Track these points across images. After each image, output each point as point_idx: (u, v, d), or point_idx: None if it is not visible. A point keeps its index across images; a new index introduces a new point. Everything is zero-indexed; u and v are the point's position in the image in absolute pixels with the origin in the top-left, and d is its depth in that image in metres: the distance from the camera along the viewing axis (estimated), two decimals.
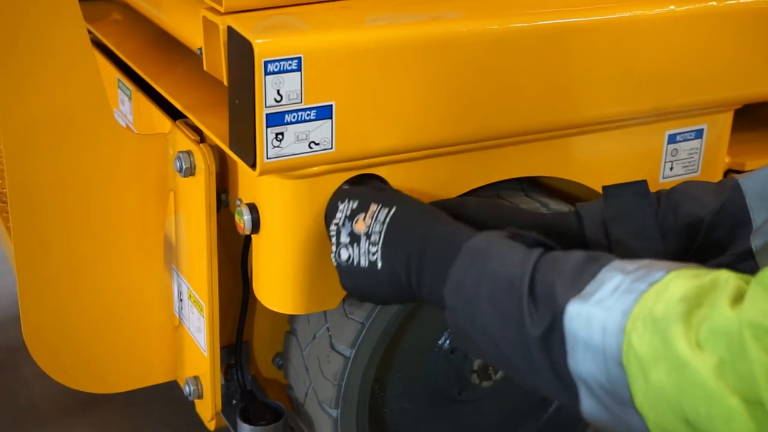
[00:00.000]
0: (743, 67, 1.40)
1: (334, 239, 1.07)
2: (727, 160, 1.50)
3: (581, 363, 0.83)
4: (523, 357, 0.88)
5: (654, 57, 1.31)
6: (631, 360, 0.78)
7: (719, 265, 1.04)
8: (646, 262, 0.85)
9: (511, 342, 0.89)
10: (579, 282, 0.86)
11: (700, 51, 1.35)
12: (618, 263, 0.87)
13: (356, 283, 1.07)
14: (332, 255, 1.08)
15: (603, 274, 0.85)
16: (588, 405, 0.84)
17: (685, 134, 1.42)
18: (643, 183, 1.14)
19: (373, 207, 1.03)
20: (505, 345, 0.90)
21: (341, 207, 1.07)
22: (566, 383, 0.85)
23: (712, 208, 1.08)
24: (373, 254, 1.02)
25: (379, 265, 1.02)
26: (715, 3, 1.33)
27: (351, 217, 1.05)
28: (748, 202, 1.06)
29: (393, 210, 1.02)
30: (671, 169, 1.43)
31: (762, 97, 1.47)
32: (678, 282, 0.80)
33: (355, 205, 1.05)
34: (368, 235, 1.02)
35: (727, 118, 1.46)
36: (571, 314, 0.84)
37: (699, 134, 1.43)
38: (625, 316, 0.80)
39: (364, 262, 1.03)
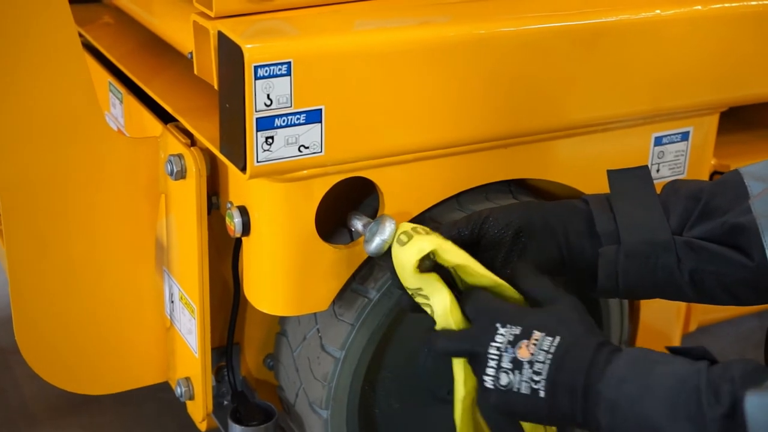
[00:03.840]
0: (729, 71, 1.41)
1: (494, 363, 1.03)
2: (713, 162, 1.52)
3: None
4: None
5: (641, 60, 1.32)
6: None
7: (719, 225, 1.07)
8: None
9: None
10: (756, 378, 0.89)
11: (687, 54, 1.36)
12: None
13: (511, 407, 1.04)
14: (489, 378, 1.03)
15: None
16: None
17: (672, 136, 1.44)
18: (645, 167, 1.16)
19: (537, 335, 1.01)
20: None
21: (502, 332, 1.03)
22: None
23: (712, 183, 1.11)
24: (536, 383, 1.00)
25: (542, 394, 1.00)
26: (700, 7, 1.35)
27: (514, 342, 1.02)
28: (746, 181, 1.09)
29: (557, 340, 1.00)
30: (658, 171, 1.44)
31: (747, 99, 1.49)
32: None
33: (517, 331, 1.02)
34: (532, 363, 1.00)
35: (713, 120, 1.47)
36: (750, 401, 0.87)
37: (685, 136, 1.45)
38: None
39: (525, 390, 1.01)
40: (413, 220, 1.25)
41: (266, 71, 1.08)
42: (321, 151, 1.15)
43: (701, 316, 1.72)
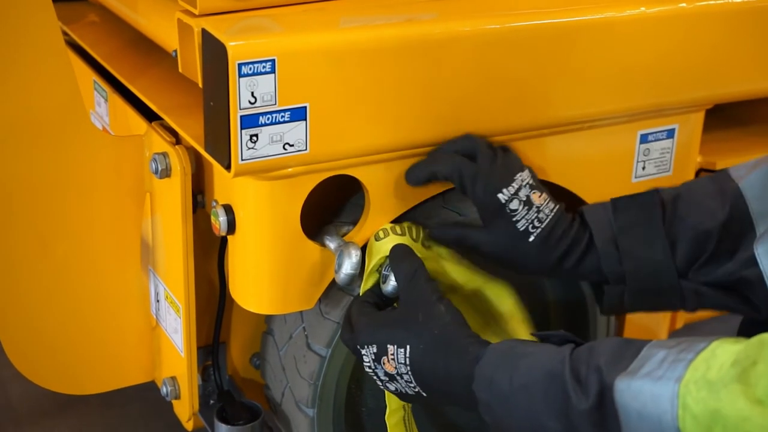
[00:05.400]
0: (714, 68, 1.41)
1: (375, 377, 1.12)
2: (698, 159, 1.52)
3: None
4: None
5: (627, 58, 1.33)
6: (687, 423, 0.81)
7: (726, 274, 1.08)
8: (685, 338, 0.89)
9: (556, 428, 0.91)
10: (623, 361, 0.89)
11: (672, 52, 1.36)
12: (658, 341, 0.90)
13: (414, 402, 1.13)
14: (381, 385, 1.13)
15: (646, 351, 0.89)
16: None
17: (657, 134, 1.44)
18: (651, 193, 1.16)
19: (390, 349, 1.07)
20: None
21: (364, 352, 1.11)
22: None
23: (720, 220, 1.11)
24: (414, 388, 1.07)
25: (425, 394, 1.07)
26: (685, 5, 1.35)
27: (377, 360, 1.09)
28: (751, 209, 1.09)
29: (408, 350, 1.06)
30: (643, 168, 1.44)
31: (732, 97, 1.49)
32: (725, 347, 0.84)
33: (374, 349, 1.09)
34: (400, 375, 1.07)
35: (699, 117, 1.47)
36: (620, 389, 0.86)
37: (671, 134, 1.45)
38: (677, 382, 0.83)
39: (411, 392, 1.09)
40: (398, 219, 1.26)
41: (250, 69, 1.08)
42: (306, 149, 1.14)
43: (688, 314, 1.73)
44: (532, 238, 1.13)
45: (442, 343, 1.04)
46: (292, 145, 1.14)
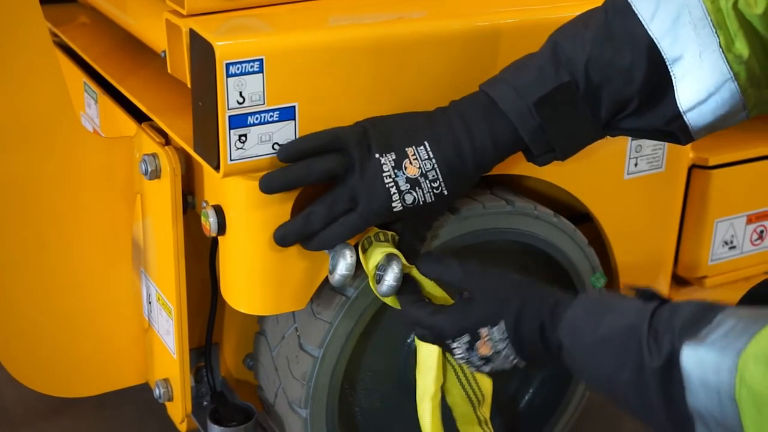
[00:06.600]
0: None
1: (468, 365, 1.15)
2: (691, 155, 1.52)
3: (698, 399, 0.88)
4: (640, 397, 0.94)
5: None
6: (743, 395, 0.84)
7: (647, 124, 1.12)
8: (759, 309, 0.91)
9: (627, 384, 0.95)
10: (696, 326, 0.91)
11: None
12: (734, 309, 0.92)
13: (500, 370, 1.15)
14: (473, 368, 1.15)
15: (719, 318, 0.91)
16: None
17: None
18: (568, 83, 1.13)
19: (484, 332, 1.10)
20: (621, 386, 0.96)
21: (455, 345, 1.13)
22: (683, 419, 0.91)
23: (639, 83, 1.10)
24: (512, 359, 1.11)
25: (521, 365, 1.11)
26: None
27: (471, 347, 1.12)
28: (666, 57, 1.08)
29: (503, 325, 1.09)
30: (636, 165, 1.44)
31: None
32: None
33: (467, 338, 1.11)
34: (498, 353, 1.10)
35: None
36: (686, 354, 0.89)
37: None
38: (737, 355, 0.85)
39: (507, 365, 1.12)
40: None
41: (238, 69, 1.07)
42: None
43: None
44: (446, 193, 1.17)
45: (532, 304, 1.08)
46: (282, 145, 1.13)
